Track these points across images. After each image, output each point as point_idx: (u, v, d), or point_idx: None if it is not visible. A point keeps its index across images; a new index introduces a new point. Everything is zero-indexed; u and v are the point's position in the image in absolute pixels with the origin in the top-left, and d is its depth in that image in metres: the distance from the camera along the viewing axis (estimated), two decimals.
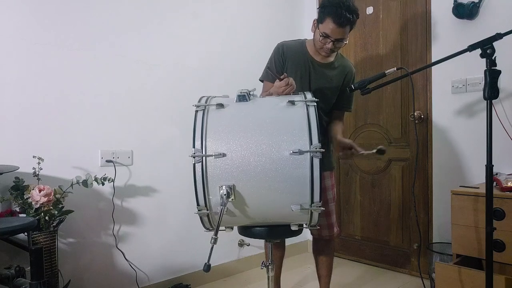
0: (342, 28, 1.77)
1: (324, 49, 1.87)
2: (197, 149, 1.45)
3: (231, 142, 1.46)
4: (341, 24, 1.76)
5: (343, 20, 1.74)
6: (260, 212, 1.52)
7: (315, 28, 1.89)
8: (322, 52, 1.90)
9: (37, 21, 2.05)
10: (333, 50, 1.88)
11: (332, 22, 1.76)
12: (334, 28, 1.77)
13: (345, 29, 1.78)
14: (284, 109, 1.54)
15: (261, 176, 1.43)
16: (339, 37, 1.80)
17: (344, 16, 1.74)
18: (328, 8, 1.77)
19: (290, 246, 3.03)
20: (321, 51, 1.90)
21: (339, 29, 1.77)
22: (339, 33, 1.79)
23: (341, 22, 1.75)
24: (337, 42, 1.82)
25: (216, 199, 1.45)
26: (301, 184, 1.43)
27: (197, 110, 1.53)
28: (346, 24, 1.77)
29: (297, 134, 1.45)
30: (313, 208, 1.45)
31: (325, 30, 1.80)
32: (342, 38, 1.81)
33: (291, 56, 1.96)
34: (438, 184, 2.62)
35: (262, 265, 1.76)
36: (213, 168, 1.44)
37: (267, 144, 1.44)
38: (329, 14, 1.76)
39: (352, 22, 1.79)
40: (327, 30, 1.79)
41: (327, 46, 1.84)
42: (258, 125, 1.50)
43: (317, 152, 1.41)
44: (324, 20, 1.79)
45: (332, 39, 1.81)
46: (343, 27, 1.77)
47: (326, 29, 1.79)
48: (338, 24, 1.75)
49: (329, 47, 1.84)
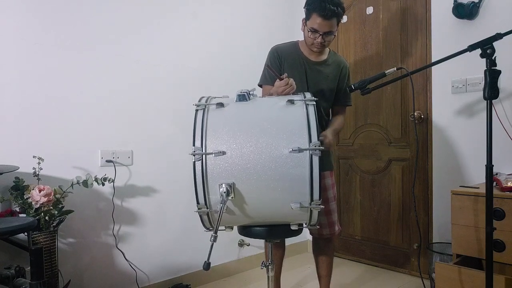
0: (328, 20, 1.83)
1: (314, 44, 1.92)
2: (197, 147, 1.46)
3: (231, 140, 1.47)
4: (327, 17, 1.82)
5: (328, 12, 1.81)
6: (259, 210, 1.52)
7: (304, 27, 1.95)
8: (314, 47, 1.94)
9: (37, 21, 2.05)
10: (323, 45, 1.93)
11: (318, 17, 1.83)
12: (321, 22, 1.84)
13: (331, 21, 1.85)
14: (284, 108, 1.55)
15: (261, 174, 1.44)
16: (327, 30, 1.86)
17: (329, 9, 1.80)
18: (313, 4, 1.84)
19: (290, 246, 3.03)
20: (313, 47, 1.95)
21: (325, 22, 1.84)
22: (326, 26, 1.85)
23: (327, 14, 1.81)
24: (326, 35, 1.88)
25: (216, 198, 1.45)
26: (301, 182, 1.44)
27: (197, 109, 1.54)
28: (332, 17, 1.83)
29: (296, 133, 1.46)
30: (313, 206, 1.46)
31: (313, 25, 1.86)
32: (330, 31, 1.87)
33: (287, 57, 2.01)
34: (438, 184, 2.62)
35: (262, 265, 1.76)
36: (213, 166, 1.45)
37: (267, 142, 1.45)
38: (315, 9, 1.83)
39: (337, 14, 1.85)
40: (314, 25, 1.86)
41: (317, 40, 1.89)
42: (258, 124, 1.51)
43: (316, 150, 1.42)
44: (311, 16, 1.86)
45: (321, 33, 1.87)
46: (329, 20, 1.83)
47: (314, 24, 1.86)
48: (324, 17, 1.82)
49: (319, 41, 1.89)
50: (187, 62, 2.67)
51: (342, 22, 3.15)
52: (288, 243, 2.31)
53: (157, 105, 2.51)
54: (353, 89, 1.71)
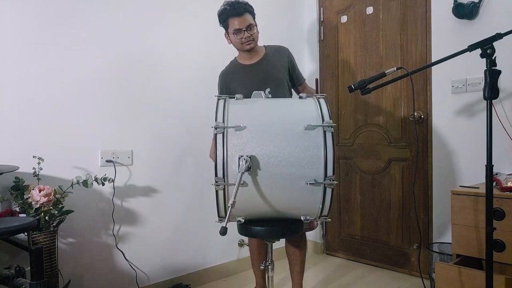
0: (242, 16, 2.05)
1: (243, 41, 2.09)
2: (218, 122, 1.58)
3: (251, 118, 1.62)
4: (239, 13, 2.04)
5: (238, 10, 2.04)
6: (273, 189, 1.56)
7: (229, 37, 2.15)
8: (246, 46, 2.10)
9: (37, 21, 2.05)
10: (252, 38, 2.09)
11: (233, 18, 2.05)
12: (238, 20, 2.05)
13: (245, 16, 2.06)
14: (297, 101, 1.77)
15: (279, 148, 1.54)
16: (247, 24, 2.06)
17: (237, 7, 2.04)
18: (222, 13, 2.08)
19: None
20: (245, 46, 2.11)
21: (241, 18, 2.05)
22: (244, 21, 2.06)
23: (238, 12, 2.04)
24: (248, 29, 2.07)
25: (234, 170, 1.51)
26: (315, 158, 1.53)
27: (219, 99, 1.70)
28: (244, 11, 2.06)
29: (309, 115, 1.62)
30: (327, 182, 1.53)
31: (234, 27, 2.07)
32: (250, 24, 2.07)
33: (231, 77, 2.21)
34: (438, 184, 2.62)
35: (262, 265, 1.76)
36: (233, 139, 1.55)
37: (282, 121, 1.62)
38: (228, 15, 2.06)
39: (247, 9, 2.07)
40: (235, 26, 2.06)
41: (244, 36, 2.07)
42: (275, 107, 1.71)
43: (330, 126, 1.56)
44: (229, 23, 2.08)
45: (244, 29, 2.06)
46: (243, 15, 2.05)
47: (234, 25, 2.06)
48: (237, 14, 2.04)
49: (246, 36, 2.07)
50: (187, 62, 2.67)
51: (342, 22, 3.18)
52: (283, 245, 2.29)
53: (157, 105, 2.51)
54: (353, 89, 1.71)
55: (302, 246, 2.18)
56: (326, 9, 3.32)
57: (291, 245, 2.18)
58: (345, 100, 3.20)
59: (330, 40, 3.29)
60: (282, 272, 2.63)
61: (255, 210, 1.63)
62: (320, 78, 3.34)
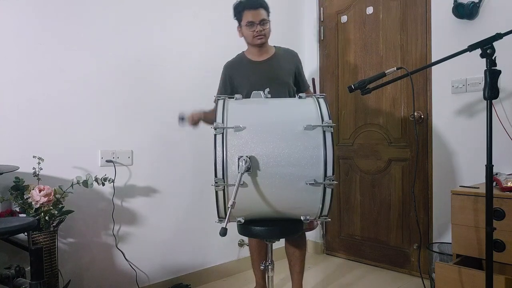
0: (257, 10, 2.08)
1: (255, 34, 2.09)
2: (218, 122, 1.57)
3: (250, 118, 1.62)
4: (255, 7, 2.08)
5: (253, 3, 2.08)
6: (273, 189, 1.55)
7: (241, 30, 2.16)
8: (257, 40, 2.11)
9: (37, 21, 2.05)
10: (263, 34, 2.10)
11: (248, 11, 2.08)
12: (252, 13, 2.08)
13: (260, 10, 2.09)
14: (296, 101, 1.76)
15: (279, 148, 1.54)
16: (261, 18, 2.08)
17: (253, 1, 2.08)
18: (238, 5, 2.11)
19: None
20: (256, 40, 2.11)
21: (256, 12, 2.08)
22: (258, 15, 2.08)
23: (254, 5, 2.08)
24: (261, 24, 2.09)
25: (233, 171, 1.51)
26: (315, 158, 1.53)
27: (218, 99, 1.71)
28: (259, 6, 2.09)
29: (308, 115, 1.62)
30: (326, 183, 1.52)
31: (248, 19, 2.09)
32: (264, 18, 2.09)
33: (235, 70, 2.20)
34: (438, 184, 2.62)
35: (262, 265, 1.76)
36: (233, 140, 1.55)
37: (282, 122, 1.62)
38: (244, 7, 2.09)
39: (262, 4, 2.10)
40: (249, 18, 2.08)
41: (256, 30, 2.08)
42: (274, 108, 1.72)
43: (329, 126, 1.56)
44: (243, 15, 2.10)
45: (257, 22, 2.08)
46: (258, 9, 2.08)
47: (248, 18, 2.08)
48: (253, 7, 2.07)
49: (258, 30, 2.08)
50: (187, 62, 2.67)
51: (342, 22, 3.18)
52: (283, 245, 2.29)
53: (157, 105, 2.51)
54: (353, 89, 1.71)
55: (302, 246, 2.18)
56: (326, 9, 3.32)
57: (291, 245, 2.18)
58: (345, 100, 3.20)
59: (330, 40, 3.29)
60: (282, 272, 2.63)
61: (255, 210, 1.62)
62: (320, 78, 3.35)
